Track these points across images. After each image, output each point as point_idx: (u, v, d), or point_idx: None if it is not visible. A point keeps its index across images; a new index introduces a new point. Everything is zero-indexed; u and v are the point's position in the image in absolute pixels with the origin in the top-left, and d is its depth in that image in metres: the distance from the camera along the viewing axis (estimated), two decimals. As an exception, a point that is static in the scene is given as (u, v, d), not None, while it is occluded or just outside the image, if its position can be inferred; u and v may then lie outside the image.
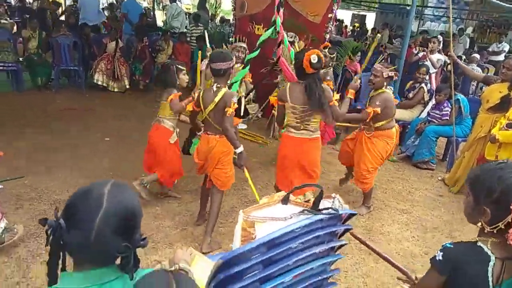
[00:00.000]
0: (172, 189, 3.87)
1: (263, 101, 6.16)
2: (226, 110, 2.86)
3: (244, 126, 5.98)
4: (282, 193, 1.77)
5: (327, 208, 1.60)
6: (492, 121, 4.19)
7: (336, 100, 3.31)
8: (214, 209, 3.14)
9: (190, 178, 4.08)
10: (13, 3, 13.00)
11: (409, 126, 5.67)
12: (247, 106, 5.38)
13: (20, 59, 6.95)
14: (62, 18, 9.22)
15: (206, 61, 3.14)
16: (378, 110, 3.55)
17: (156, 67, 7.96)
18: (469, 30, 15.53)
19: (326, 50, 4.85)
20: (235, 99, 2.90)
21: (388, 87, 3.71)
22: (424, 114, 5.63)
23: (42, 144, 4.72)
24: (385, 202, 4.18)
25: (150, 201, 3.62)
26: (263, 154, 5.22)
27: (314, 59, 2.92)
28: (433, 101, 5.55)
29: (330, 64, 4.60)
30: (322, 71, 4.52)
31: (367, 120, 3.66)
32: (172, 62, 3.56)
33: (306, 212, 1.58)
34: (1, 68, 6.60)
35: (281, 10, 3.47)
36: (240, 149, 2.92)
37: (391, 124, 3.76)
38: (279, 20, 3.45)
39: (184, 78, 3.49)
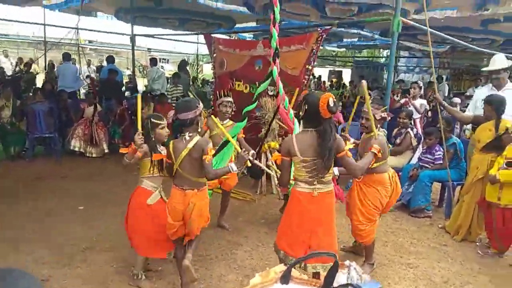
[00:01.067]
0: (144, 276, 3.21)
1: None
2: (204, 158, 2.72)
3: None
4: (280, 268, 1.32)
5: (344, 286, 1.22)
6: (488, 161, 4.04)
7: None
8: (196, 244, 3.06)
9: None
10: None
11: (400, 173, 5.46)
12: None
13: (-8, 129, 6.65)
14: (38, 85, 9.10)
15: (172, 113, 2.93)
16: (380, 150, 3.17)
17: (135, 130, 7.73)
18: (445, 78, 16.04)
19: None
20: (211, 145, 2.76)
21: (381, 129, 3.50)
22: (414, 160, 5.46)
23: (9, 217, 4.30)
24: (387, 256, 3.84)
25: (123, 276, 3.20)
26: (250, 212, 4.88)
27: (331, 102, 2.54)
28: (421, 147, 5.41)
29: None
30: None
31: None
32: (149, 115, 3.28)
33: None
34: (-29, 138, 6.28)
35: (277, 61, 3.29)
36: (233, 165, 2.82)
37: (384, 168, 3.42)
38: (275, 70, 3.25)
39: (162, 132, 3.13)
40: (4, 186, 5.32)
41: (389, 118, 3.65)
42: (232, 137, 3.23)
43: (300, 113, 2.74)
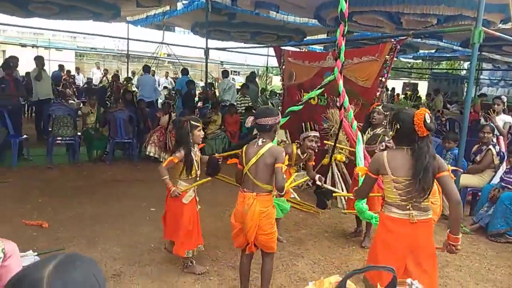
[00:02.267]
0: (194, 261, 3.49)
1: (313, 168, 5.87)
2: (277, 165, 2.73)
3: (294, 195, 5.65)
4: (335, 279, 1.22)
5: None
6: None
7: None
8: (266, 276, 2.92)
9: (233, 251, 3.75)
10: (81, 85, 14.26)
11: (480, 194, 5.07)
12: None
13: (79, 133, 7.30)
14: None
15: (251, 118, 2.98)
16: None
17: (205, 138, 8.05)
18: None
19: (380, 107, 4.44)
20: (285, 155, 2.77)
21: None
22: (496, 180, 5.02)
23: (87, 215, 4.67)
24: (461, 282, 3.55)
25: (187, 277, 3.33)
26: (313, 224, 4.81)
27: (428, 118, 2.28)
28: (504, 165, 4.97)
29: (383, 123, 4.24)
30: (380, 130, 4.20)
31: None
32: (188, 117, 3.45)
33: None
34: (60, 141, 6.93)
35: (339, 60, 3.27)
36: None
37: None
38: (336, 70, 3.23)
39: (199, 134, 3.37)
40: (86, 187, 5.79)
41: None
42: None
43: (391, 132, 2.56)
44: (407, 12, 6.16)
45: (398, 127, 2.39)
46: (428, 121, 2.29)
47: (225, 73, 11.02)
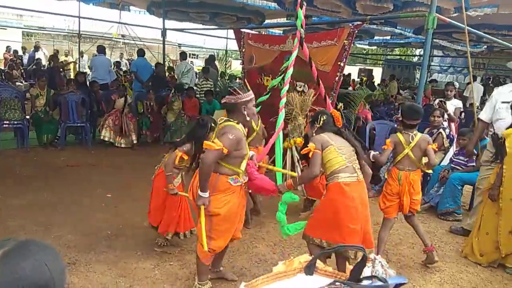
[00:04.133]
0: (168, 243, 3.61)
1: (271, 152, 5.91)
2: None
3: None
4: (305, 258, 1.28)
5: (369, 277, 1.16)
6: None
7: None
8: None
9: (194, 236, 3.70)
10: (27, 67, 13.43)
11: (431, 174, 5.31)
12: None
13: (27, 117, 6.88)
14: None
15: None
16: None
17: (164, 122, 7.84)
18: (478, 80, 15.48)
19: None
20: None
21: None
22: (446, 161, 5.29)
23: (39, 203, 4.45)
24: (413, 259, 3.73)
25: (146, 263, 3.27)
26: (274, 207, 4.83)
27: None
28: (454, 147, 5.23)
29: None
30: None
31: None
32: (210, 118, 3.43)
33: (340, 285, 1.12)
34: (7, 126, 6.51)
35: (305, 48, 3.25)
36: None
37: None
38: (293, 55, 3.19)
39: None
40: (37, 173, 5.50)
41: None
42: None
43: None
44: (363, -4, 6.24)
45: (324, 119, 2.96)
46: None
47: (183, 55, 10.75)
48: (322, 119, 2.98)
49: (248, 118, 2.74)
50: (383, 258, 1.30)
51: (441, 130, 5.32)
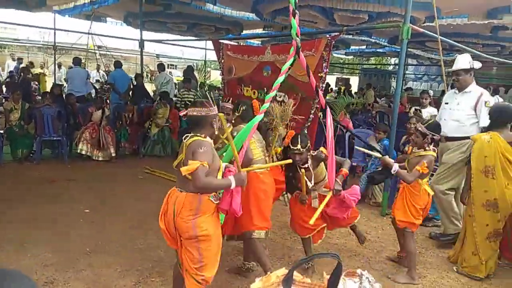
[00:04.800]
0: None
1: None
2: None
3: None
4: (281, 272, 1.24)
5: None
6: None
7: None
8: None
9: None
10: (1, 79, 13.09)
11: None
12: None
13: (1, 131, 6.69)
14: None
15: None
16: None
17: (147, 133, 7.72)
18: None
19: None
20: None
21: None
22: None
23: (14, 219, 4.30)
24: (395, 265, 3.77)
25: (127, 280, 3.19)
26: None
27: None
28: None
29: None
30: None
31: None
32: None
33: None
34: (-21, 141, 6.32)
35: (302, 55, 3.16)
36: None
37: None
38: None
39: None
40: (11, 188, 5.34)
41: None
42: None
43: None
44: (340, 8, 6.37)
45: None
46: None
47: (161, 67, 10.70)
48: (241, 109, 3.10)
49: (217, 132, 2.61)
50: (366, 270, 1.30)
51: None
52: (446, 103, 4.46)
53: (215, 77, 17.95)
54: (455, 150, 4.27)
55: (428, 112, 6.56)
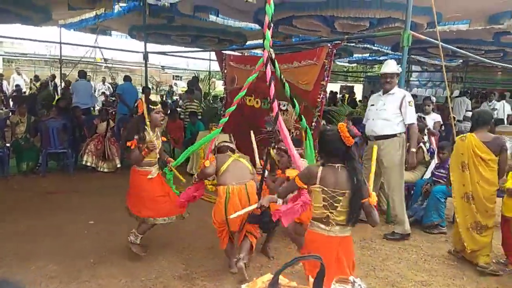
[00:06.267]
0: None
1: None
2: None
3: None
4: (267, 277, 1.25)
5: None
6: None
7: None
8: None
9: (180, 261, 3.65)
10: (8, 93, 13.27)
11: (414, 188, 5.37)
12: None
13: (7, 144, 6.77)
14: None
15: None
16: None
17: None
18: (456, 93, 15.88)
19: None
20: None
21: None
22: (428, 175, 5.36)
23: (19, 232, 4.33)
24: (400, 274, 3.73)
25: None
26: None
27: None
28: (435, 160, 5.32)
29: None
30: None
31: None
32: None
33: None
34: (-14, 154, 6.39)
35: (269, 68, 3.27)
36: None
37: None
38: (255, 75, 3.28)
39: (157, 116, 3.72)
40: (17, 201, 5.38)
41: None
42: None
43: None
44: (340, 16, 6.39)
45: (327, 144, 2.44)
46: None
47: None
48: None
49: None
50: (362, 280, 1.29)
51: (421, 144, 5.42)
52: (372, 105, 4.79)
53: (219, 87, 18.08)
54: (389, 149, 4.54)
55: (431, 118, 6.54)
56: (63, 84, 12.49)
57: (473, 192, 3.80)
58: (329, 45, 5.58)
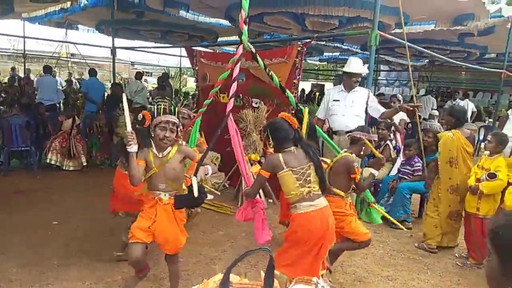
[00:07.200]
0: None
1: (229, 169, 5.90)
2: None
3: (211, 197, 5.60)
4: (219, 277, 1.29)
5: None
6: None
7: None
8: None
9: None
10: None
11: (380, 185, 5.49)
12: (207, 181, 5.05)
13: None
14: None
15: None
16: None
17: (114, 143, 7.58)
18: (422, 92, 16.37)
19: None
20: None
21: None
22: (394, 171, 5.49)
23: (-22, 233, 4.15)
24: (367, 269, 3.81)
25: None
26: (230, 225, 4.81)
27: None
28: (401, 158, 5.45)
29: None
30: None
31: None
32: None
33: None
34: None
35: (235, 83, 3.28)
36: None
37: None
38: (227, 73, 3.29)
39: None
40: (-24, 201, 5.15)
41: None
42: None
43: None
44: (311, 14, 6.44)
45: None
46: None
47: (138, 75, 10.55)
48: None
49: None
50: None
51: (388, 142, 5.54)
52: (337, 100, 4.87)
53: (191, 84, 17.89)
54: None
55: (398, 116, 6.68)
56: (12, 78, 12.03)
57: (460, 184, 4.12)
58: (299, 43, 5.61)
